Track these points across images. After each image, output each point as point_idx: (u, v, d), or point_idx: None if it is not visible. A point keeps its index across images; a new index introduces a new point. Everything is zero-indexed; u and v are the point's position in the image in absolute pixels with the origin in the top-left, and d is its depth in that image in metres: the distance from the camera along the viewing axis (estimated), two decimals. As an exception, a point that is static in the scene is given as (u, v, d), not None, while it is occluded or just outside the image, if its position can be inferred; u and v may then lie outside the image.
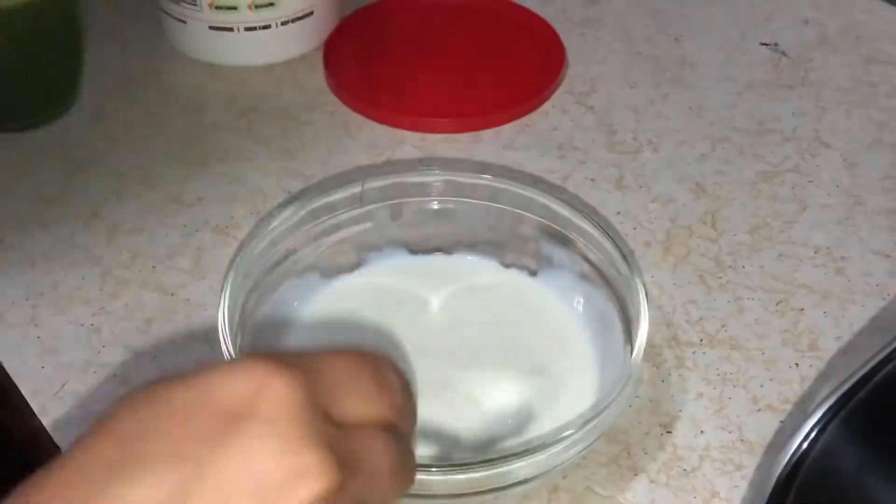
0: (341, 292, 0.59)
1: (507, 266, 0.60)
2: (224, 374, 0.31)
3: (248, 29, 0.76)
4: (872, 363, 0.41)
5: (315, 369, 0.32)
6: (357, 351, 0.35)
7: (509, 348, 0.56)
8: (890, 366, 0.41)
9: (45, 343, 0.58)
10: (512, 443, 0.51)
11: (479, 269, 0.60)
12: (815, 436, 0.40)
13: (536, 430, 0.52)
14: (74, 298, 0.60)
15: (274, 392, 0.31)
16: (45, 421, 0.54)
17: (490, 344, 0.56)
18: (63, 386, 0.56)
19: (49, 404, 0.55)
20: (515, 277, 0.60)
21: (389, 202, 0.59)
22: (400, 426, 0.35)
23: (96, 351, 0.57)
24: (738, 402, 0.55)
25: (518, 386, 0.54)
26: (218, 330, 0.51)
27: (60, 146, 0.70)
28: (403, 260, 0.60)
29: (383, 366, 0.36)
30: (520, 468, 0.46)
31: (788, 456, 0.41)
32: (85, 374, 0.56)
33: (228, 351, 0.50)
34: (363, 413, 0.34)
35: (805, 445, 0.40)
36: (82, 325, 0.59)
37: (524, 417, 0.53)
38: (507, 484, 0.47)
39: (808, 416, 0.41)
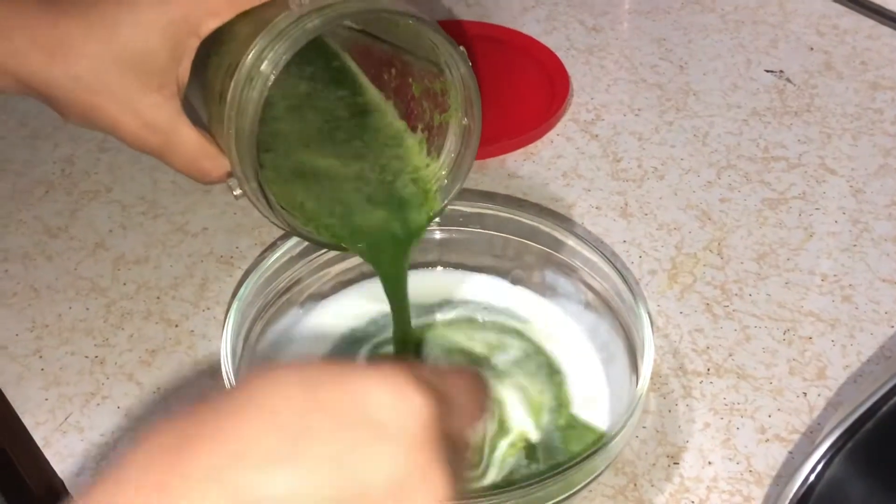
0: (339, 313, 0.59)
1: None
2: (372, 382, 0.32)
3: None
4: (880, 394, 0.41)
5: (443, 392, 0.33)
6: (470, 372, 0.37)
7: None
8: (894, 399, 0.41)
9: (49, 374, 0.58)
10: (517, 474, 0.51)
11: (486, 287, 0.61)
12: (823, 467, 0.40)
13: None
14: (79, 329, 0.60)
15: (414, 410, 0.32)
16: (49, 453, 0.54)
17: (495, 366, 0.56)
18: (67, 418, 0.56)
19: (52, 436, 0.55)
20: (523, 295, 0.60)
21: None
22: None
23: (100, 382, 0.57)
24: (745, 432, 0.55)
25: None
26: (221, 360, 0.51)
27: (65, 178, 0.71)
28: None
29: (484, 389, 0.37)
30: (524, 501, 0.46)
31: (796, 487, 0.40)
32: (88, 405, 0.56)
33: (231, 382, 0.49)
34: (466, 436, 0.35)
35: (812, 477, 0.40)
36: (86, 356, 0.59)
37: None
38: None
39: (815, 446, 0.40)
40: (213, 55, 0.50)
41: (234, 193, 0.51)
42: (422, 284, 0.59)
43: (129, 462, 0.30)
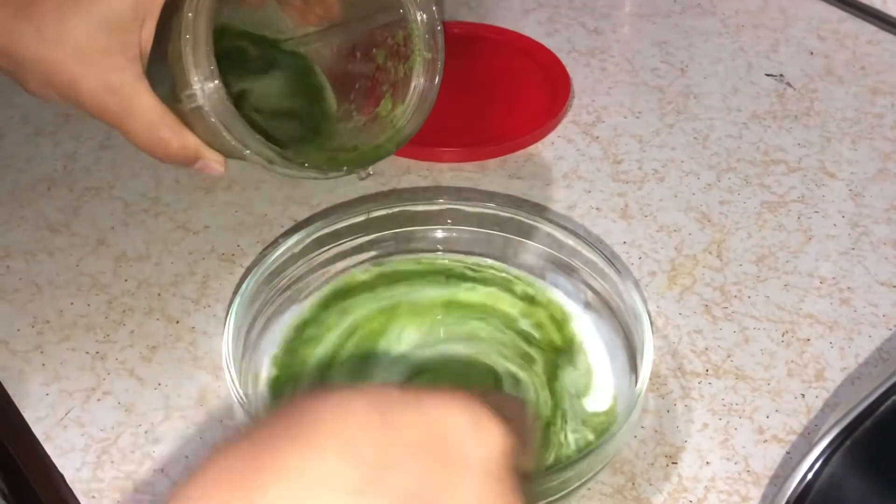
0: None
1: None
2: (449, 410, 0.31)
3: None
4: (878, 393, 0.41)
5: (508, 423, 0.32)
6: (519, 400, 0.38)
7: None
8: (894, 397, 0.41)
9: (50, 370, 0.58)
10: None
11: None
12: (820, 466, 0.40)
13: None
14: (80, 325, 0.60)
15: (492, 441, 0.31)
16: (49, 447, 0.54)
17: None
18: (67, 413, 0.56)
19: (53, 430, 0.55)
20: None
21: (395, 230, 0.59)
22: None
23: (101, 378, 0.57)
24: (743, 432, 0.55)
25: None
26: (222, 357, 0.51)
27: (67, 175, 0.71)
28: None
29: (532, 416, 0.37)
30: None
31: (794, 486, 0.40)
32: (89, 400, 0.56)
33: (232, 378, 0.50)
34: (525, 465, 0.34)
35: (810, 476, 0.40)
36: (87, 352, 0.59)
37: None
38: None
39: (812, 446, 0.41)
40: (175, 25, 0.51)
41: (190, 106, 0.51)
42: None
43: (200, 484, 0.28)
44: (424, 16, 0.56)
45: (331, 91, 0.65)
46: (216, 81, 0.51)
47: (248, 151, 0.55)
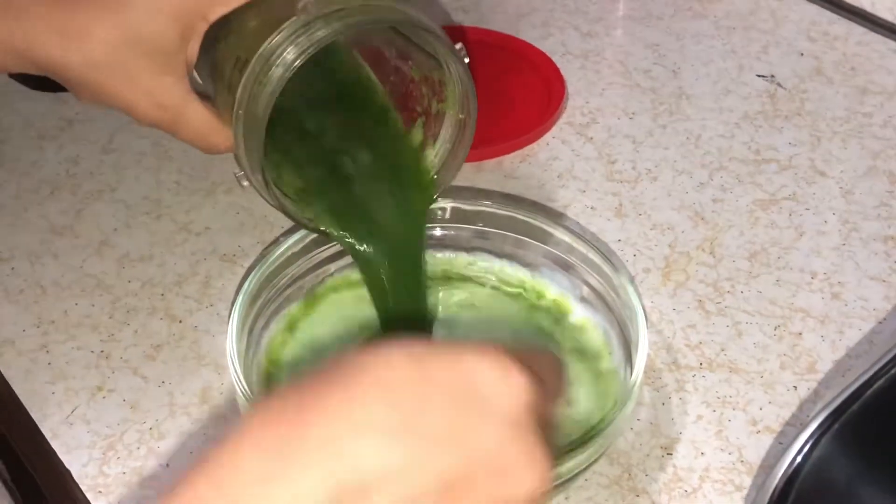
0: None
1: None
2: (480, 360, 0.33)
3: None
4: (864, 377, 0.42)
5: (535, 373, 0.34)
6: (551, 353, 0.39)
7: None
8: (882, 380, 0.42)
9: (56, 369, 0.59)
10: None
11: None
12: (809, 449, 0.41)
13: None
14: (84, 325, 0.61)
15: (520, 390, 0.33)
16: (56, 444, 0.55)
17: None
18: (73, 411, 0.57)
19: (59, 428, 0.56)
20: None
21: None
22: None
23: (105, 377, 0.58)
24: (737, 424, 0.56)
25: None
26: (227, 355, 0.52)
27: (71, 178, 0.72)
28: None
29: (563, 370, 0.39)
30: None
31: (783, 471, 0.41)
32: (94, 398, 0.57)
33: (237, 377, 0.51)
34: (553, 416, 0.36)
35: (799, 459, 0.41)
36: (92, 351, 0.60)
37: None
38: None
39: (801, 429, 0.42)
40: (222, 38, 0.52)
41: (243, 184, 0.53)
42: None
43: (248, 428, 0.31)
44: (461, 77, 0.54)
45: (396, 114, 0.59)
46: (259, 176, 0.51)
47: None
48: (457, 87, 0.54)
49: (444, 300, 0.61)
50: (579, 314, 0.59)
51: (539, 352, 0.37)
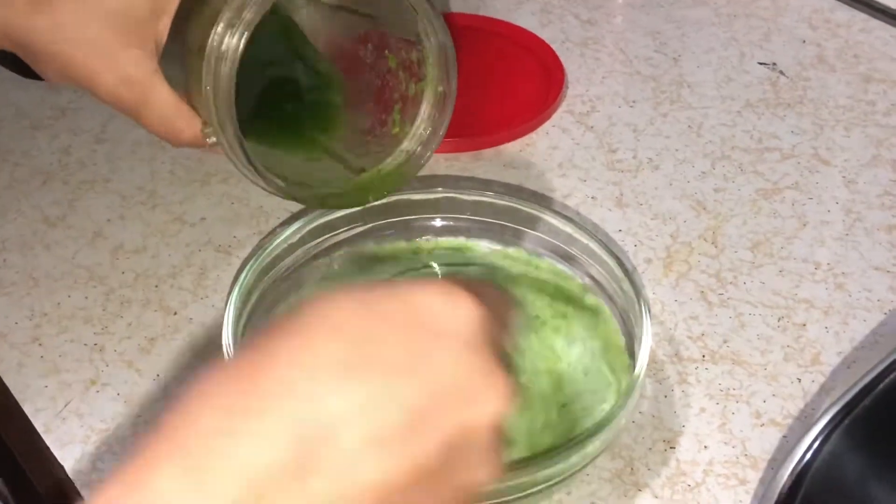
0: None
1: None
2: (424, 290, 0.33)
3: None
4: (873, 374, 0.42)
5: (485, 302, 0.34)
6: (496, 285, 0.39)
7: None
8: (891, 377, 0.41)
9: (49, 362, 0.58)
10: (513, 457, 0.51)
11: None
12: (818, 447, 0.41)
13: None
14: (77, 318, 0.60)
15: (468, 313, 0.33)
16: (49, 439, 0.54)
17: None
18: (66, 405, 0.56)
19: (52, 422, 0.55)
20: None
21: (392, 220, 0.60)
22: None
23: (99, 370, 0.58)
24: (740, 417, 0.55)
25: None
26: (222, 347, 0.51)
27: (64, 167, 0.71)
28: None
29: (511, 300, 0.38)
30: (521, 483, 0.46)
31: (792, 467, 0.41)
32: (88, 392, 0.56)
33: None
34: (505, 343, 0.36)
35: (808, 456, 0.41)
36: (85, 344, 0.59)
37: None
38: (508, 499, 0.47)
39: (811, 425, 0.41)
40: (193, 16, 0.51)
41: (208, 140, 0.52)
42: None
43: (203, 386, 0.30)
44: (443, 47, 0.55)
45: (341, 79, 0.63)
46: (233, 131, 0.51)
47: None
48: (437, 59, 0.54)
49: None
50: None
51: (487, 285, 0.37)
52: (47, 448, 0.54)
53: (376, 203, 0.58)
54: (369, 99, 0.60)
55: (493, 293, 0.36)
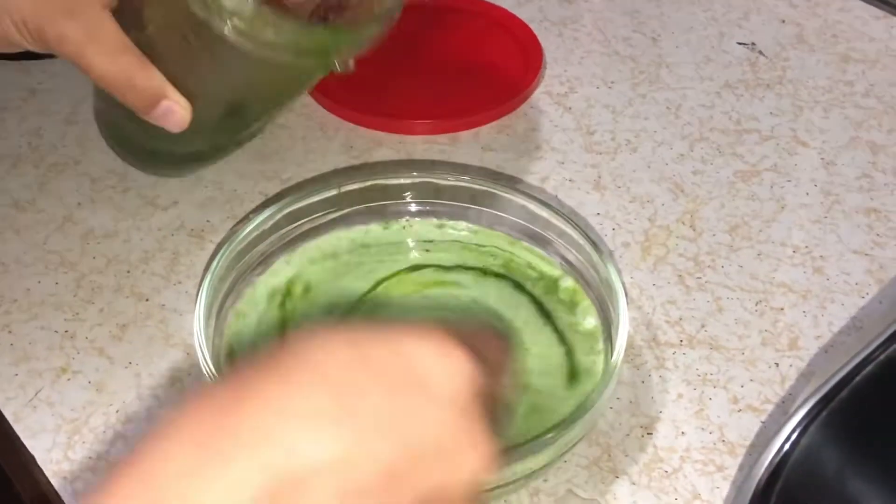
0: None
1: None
2: (418, 341, 0.32)
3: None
4: (853, 363, 0.41)
5: (477, 351, 0.33)
6: (494, 331, 0.39)
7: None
8: (870, 366, 0.41)
9: (19, 349, 0.57)
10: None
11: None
12: (797, 436, 0.40)
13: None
14: (48, 304, 0.59)
15: (460, 372, 0.32)
16: (19, 428, 0.53)
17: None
18: (37, 393, 0.55)
19: (22, 411, 0.54)
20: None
21: (367, 205, 0.59)
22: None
23: (70, 357, 0.57)
24: (718, 402, 0.55)
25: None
26: (194, 335, 0.50)
27: (33, 150, 0.70)
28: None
29: (508, 347, 0.38)
30: (499, 471, 0.46)
31: (771, 457, 0.40)
32: (59, 380, 0.56)
33: (204, 356, 0.49)
34: (498, 394, 0.35)
35: (787, 446, 0.40)
36: (56, 331, 0.58)
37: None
38: (485, 487, 0.47)
39: (789, 416, 0.41)
40: None
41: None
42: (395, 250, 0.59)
43: (180, 419, 0.29)
44: None
45: None
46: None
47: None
48: None
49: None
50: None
51: (482, 329, 0.36)
52: (17, 437, 0.53)
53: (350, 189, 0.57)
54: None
55: (491, 342, 0.36)
